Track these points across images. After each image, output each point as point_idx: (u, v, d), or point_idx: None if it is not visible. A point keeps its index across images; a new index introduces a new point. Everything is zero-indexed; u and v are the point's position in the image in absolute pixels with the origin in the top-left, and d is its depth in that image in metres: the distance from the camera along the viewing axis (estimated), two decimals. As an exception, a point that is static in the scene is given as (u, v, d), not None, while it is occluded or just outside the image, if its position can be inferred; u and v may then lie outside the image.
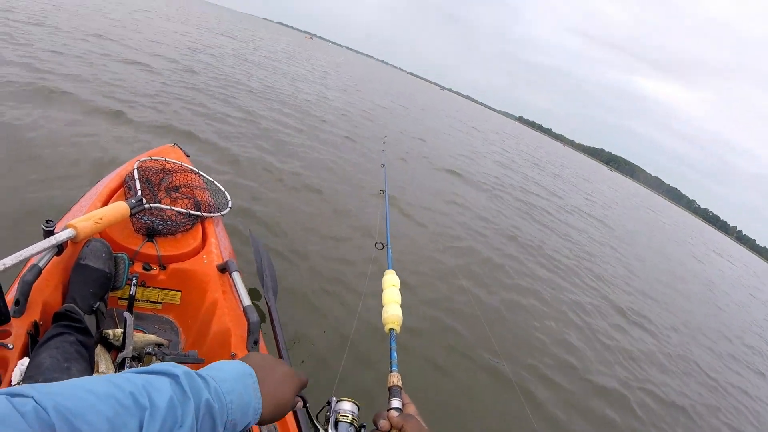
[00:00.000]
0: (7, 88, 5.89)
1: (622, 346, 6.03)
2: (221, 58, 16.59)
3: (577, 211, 15.65)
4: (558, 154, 62.76)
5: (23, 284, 1.66)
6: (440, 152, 15.04)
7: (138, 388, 0.67)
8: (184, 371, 0.74)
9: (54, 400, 0.57)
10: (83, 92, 6.80)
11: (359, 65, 79.48)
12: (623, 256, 12.00)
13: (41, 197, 3.66)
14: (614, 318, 6.89)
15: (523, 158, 26.47)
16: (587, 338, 5.74)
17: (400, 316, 1.57)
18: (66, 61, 8.25)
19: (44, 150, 4.54)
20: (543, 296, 6.32)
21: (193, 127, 7.16)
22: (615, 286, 8.50)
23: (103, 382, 0.66)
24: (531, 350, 4.77)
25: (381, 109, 16.94)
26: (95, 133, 5.51)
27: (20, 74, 6.58)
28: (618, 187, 53.89)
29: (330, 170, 7.64)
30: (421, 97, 48.37)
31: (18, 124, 4.93)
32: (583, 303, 6.79)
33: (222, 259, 2.47)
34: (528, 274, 6.92)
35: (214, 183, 3.11)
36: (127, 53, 10.97)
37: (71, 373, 1.48)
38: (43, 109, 5.61)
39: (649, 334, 6.98)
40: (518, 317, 5.40)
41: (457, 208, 8.97)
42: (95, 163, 4.59)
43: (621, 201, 32.11)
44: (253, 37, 36.90)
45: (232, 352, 1.96)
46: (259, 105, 10.83)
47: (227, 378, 0.80)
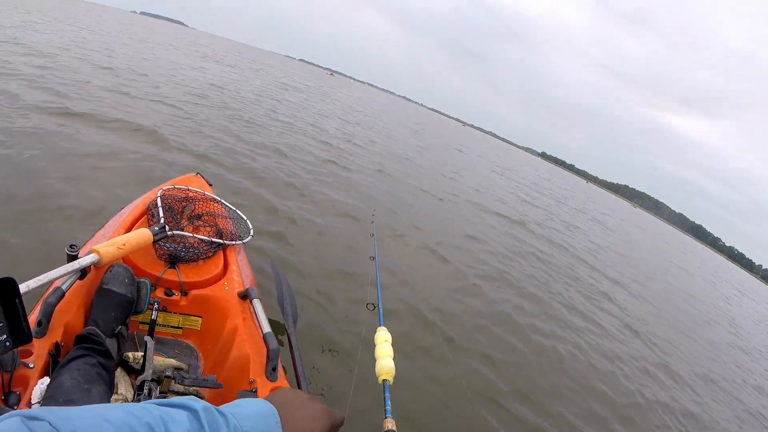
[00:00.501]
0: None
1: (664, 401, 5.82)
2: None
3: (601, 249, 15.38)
4: (588, 193, 62.16)
5: (46, 306, 1.68)
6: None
7: (155, 418, 0.66)
8: (204, 406, 0.72)
9: (70, 426, 0.57)
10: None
11: (386, 102, 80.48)
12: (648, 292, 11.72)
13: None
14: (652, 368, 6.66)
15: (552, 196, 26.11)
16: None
17: (392, 367, 1.67)
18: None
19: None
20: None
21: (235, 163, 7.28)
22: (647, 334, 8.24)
23: (119, 410, 0.65)
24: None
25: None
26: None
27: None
28: (642, 222, 52.78)
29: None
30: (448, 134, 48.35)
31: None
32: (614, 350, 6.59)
33: (243, 287, 2.47)
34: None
35: (236, 212, 3.15)
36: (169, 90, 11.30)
37: (91, 394, 1.49)
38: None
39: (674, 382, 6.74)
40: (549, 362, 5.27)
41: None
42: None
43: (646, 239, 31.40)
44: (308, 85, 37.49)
45: (251, 378, 1.94)
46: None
47: (248, 416, 0.77)
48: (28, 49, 11.53)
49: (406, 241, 7.16)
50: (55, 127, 6.20)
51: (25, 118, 6.19)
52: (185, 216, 2.78)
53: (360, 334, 3.10)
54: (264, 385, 1.92)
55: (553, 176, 62.70)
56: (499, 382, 4.25)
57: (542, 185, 32.47)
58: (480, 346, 4.74)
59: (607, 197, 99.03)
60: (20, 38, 13.03)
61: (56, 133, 5.94)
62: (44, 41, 13.79)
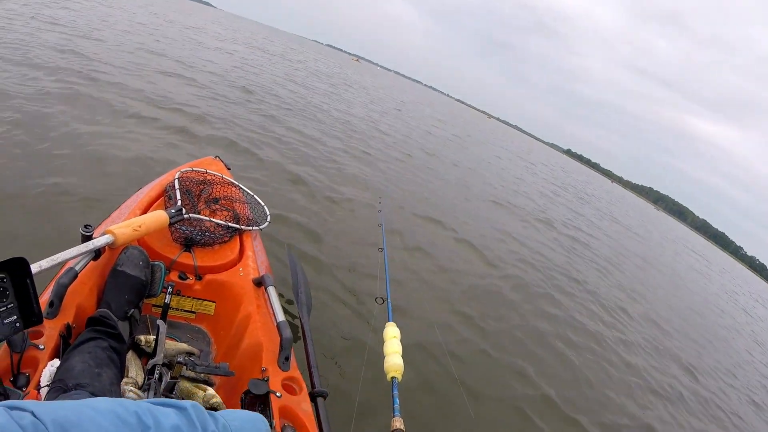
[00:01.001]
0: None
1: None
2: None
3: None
4: (613, 193, 61.24)
5: (58, 286, 1.65)
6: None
7: (143, 409, 0.69)
8: (193, 404, 0.76)
9: (53, 414, 0.59)
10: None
11: (412, 91, 79.86)
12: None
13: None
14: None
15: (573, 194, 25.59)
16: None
17: (400, 365, 1.66)
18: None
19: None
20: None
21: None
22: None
23: (107, 400, 0.68)
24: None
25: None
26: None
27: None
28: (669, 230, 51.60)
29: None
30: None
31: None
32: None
33: (258, 273, 2.44)
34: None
35: (253, 197, 3.11)
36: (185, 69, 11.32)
37: (102, 379, 1.46)
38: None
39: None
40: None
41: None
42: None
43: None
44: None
45: (263, 366, 1.90)
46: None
47: (238, 418, 0.82)
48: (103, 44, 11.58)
49: (425, 232, 7.10)
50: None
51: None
52: (202, 199, 2.76)
53: (370, 326, 3.03)
54: (276, 374, 1.88)
55: (580, 175, 61.81)
56: (517, 384, 4.19)
57: (572, 185, 31.88)
58: (501, 349, 4.67)
59: (631, 198, 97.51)
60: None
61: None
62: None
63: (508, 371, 4.30)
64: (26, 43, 8.21)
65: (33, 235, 3.24)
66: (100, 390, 1.41)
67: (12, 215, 3.37)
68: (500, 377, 4.18)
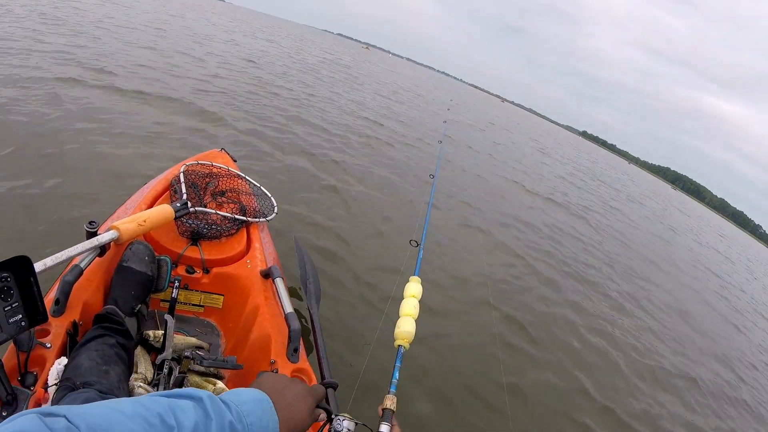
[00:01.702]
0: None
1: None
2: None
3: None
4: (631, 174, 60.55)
5: (64, 284, 1.65)
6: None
7: (164, 409, 0.70)
8: (207, 395, 0.77)
9: (86, 420, 0.60)
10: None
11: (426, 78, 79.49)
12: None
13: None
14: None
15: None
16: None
17: (411, 332, 1.53)
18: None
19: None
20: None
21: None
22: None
23: (130, 403, 0.69)
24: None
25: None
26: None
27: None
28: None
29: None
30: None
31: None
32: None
33: (266, 265, 2.43)
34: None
35: (260, 188, 3.09)
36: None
37: (109, 376, 1.46)
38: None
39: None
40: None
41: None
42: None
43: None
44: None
45: (272, 358, 1.90)
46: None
47: (247, 401, 0.83)
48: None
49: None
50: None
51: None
52: (208, 192, 2.74)
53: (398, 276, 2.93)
54: (285, 366, 1.87)
55: (597, 156, 61.15)
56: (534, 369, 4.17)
57: (596, 171, 31.48)
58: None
59: (648, 179, 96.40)
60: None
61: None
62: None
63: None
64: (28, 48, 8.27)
65: (46, 230, 3.27)
66: (108, 388, 1.41)
67: (24, 212, 3.40)
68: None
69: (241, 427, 0.78)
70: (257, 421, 0.82)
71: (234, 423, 0.77)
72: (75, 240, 1.80)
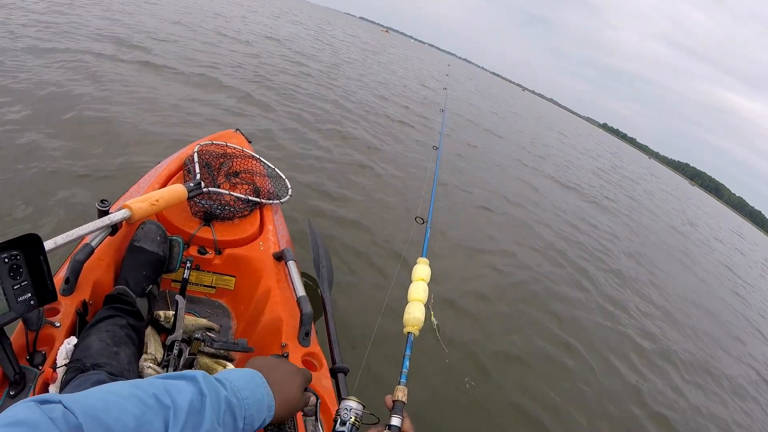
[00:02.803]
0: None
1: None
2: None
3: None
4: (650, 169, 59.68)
5: (74, 263, 1.63)
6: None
7: (159, 389, 0.72)
8: (202, 374, 0.80)
9: (81, 403, 0.61)
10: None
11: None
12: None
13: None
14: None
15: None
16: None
17: (421, 318, 1.45)
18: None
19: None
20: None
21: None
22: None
23: (126, 385, 0.71)
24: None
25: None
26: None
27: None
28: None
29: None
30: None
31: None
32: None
33: (279, 247, 2.40)
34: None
35: (274, 170, 3.06)
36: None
37: (119, 358, 1.45)
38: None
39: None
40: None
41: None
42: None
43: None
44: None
45: (283, 342, 1.87)
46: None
47: (240, 377, 0.87)
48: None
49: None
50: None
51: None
52: (222, 173, 2.71)
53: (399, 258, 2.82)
54: (296, 350, 1.85)
55: (618, 150, 60.37)
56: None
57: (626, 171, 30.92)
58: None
59: (668, 174, 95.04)
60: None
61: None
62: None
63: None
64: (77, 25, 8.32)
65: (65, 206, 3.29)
66: (118, 369, 1.39)
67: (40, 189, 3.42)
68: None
69: (237, 401, 0.81)
70: (251, 395, 0.85)
71: (229, 398, 0.80)
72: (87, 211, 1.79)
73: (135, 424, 0.64)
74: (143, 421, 0.66)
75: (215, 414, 0.75)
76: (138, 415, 0.65)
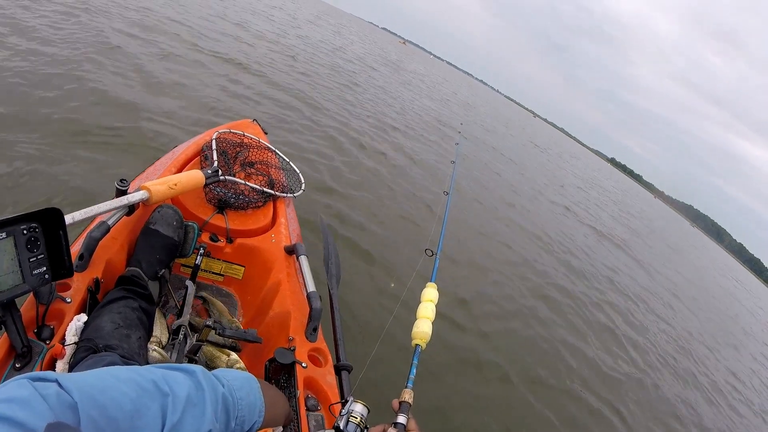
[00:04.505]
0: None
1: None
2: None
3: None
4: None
5: (90, 240, 1.62)
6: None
7: (159, 377, 0.72)
8: (200, 369, 0.80)
9: (78, 382, 0.61)
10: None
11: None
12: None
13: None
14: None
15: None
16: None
17: (428, 333, 1.54)
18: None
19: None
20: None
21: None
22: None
23: (124, 369, 0.72)
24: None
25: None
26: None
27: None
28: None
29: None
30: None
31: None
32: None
33: (290, 241, 2.39)
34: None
35: (289, 163, 3.04)
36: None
37: (130, 341, 1.44)
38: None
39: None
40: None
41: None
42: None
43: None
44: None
45: (290, 336, 1.86)
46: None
47: (237, 378, 0.87)
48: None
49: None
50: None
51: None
52: (238, 162, 2.71)
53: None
54: (303, 345, 1.84)
55: (625, 186, 60.13)
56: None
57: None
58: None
59: (671, 216, 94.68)
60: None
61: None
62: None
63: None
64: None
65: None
66: (129, 352, 1.38)
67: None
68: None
69: (232, 400, 0.82)
70: (246, 396, 0.86)
71: (226, 395, 0.81)
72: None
73: (132, 407, 0.64)
74: (140, 405, 0.66)
75: (213, 408, 0.76)
76: (135, 399, 0.66)
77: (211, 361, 1.80)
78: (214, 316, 2.06)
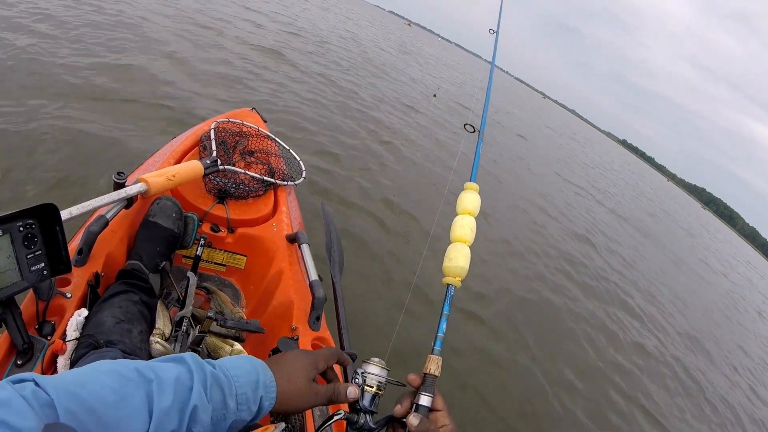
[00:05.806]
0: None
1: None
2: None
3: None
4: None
5: (88, 234, 1.61)
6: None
7: (144, 366, 0.71)
8: (190, 354, 0.78)
9: (55, 380, 0.61)
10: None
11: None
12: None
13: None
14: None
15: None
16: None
17: (465, 267, 1.11)
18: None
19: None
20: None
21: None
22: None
23: (108, 362, 0.71)
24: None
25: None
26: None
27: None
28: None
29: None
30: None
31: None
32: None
33: (292, 229, 2.38)
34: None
35: (289, 151, 3.02)
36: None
37: (132, 335, 1.44)
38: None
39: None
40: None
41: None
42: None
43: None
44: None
45: (293, 325, 1.86)
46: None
47: (231, 360, 0.83)
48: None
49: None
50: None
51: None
52: (237, 151, 2.69)
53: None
54: (306, 334, 1.83)
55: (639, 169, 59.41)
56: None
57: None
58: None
59: (683, 198, 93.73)
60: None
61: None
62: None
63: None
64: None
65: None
66: (131, 347, 1.38)
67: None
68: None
69: (225, 378, 0.78)
70: (244, 374, 0.80)
71: (216, 373, 0.77)
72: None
73: (114, 398, 0.63)
74: (123, 394, 0.65)
75: (203, 388, 0.73)
76: (117, 389, 0.65)
77: (215, 352, 1.80)
78: (217, 306, 2.06)
